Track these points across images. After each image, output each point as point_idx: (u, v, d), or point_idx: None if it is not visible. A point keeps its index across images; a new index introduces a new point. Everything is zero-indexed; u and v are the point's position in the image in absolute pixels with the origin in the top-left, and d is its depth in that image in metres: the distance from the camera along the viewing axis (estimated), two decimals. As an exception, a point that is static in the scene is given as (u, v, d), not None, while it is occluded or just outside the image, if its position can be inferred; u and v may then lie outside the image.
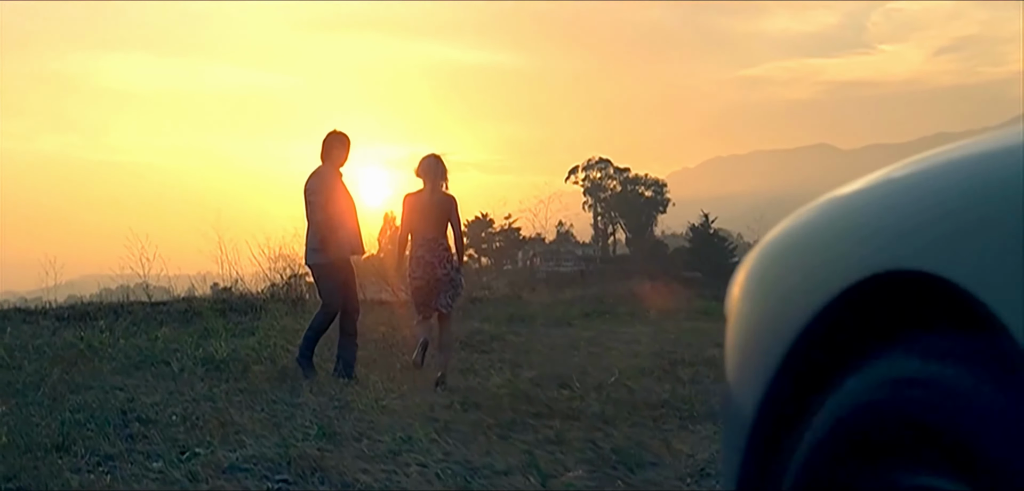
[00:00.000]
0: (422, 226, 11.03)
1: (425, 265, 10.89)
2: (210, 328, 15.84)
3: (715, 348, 14.03)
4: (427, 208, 11.01)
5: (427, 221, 11.02)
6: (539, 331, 17.14)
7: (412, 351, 11.35)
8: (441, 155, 11.30)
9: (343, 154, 11.83)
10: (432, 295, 10.97)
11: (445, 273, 10.96)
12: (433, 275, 10.89)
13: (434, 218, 11.02)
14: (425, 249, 10.93)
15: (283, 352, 13.26)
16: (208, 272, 25.55)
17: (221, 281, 24.37)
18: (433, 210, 11.01)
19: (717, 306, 21.26)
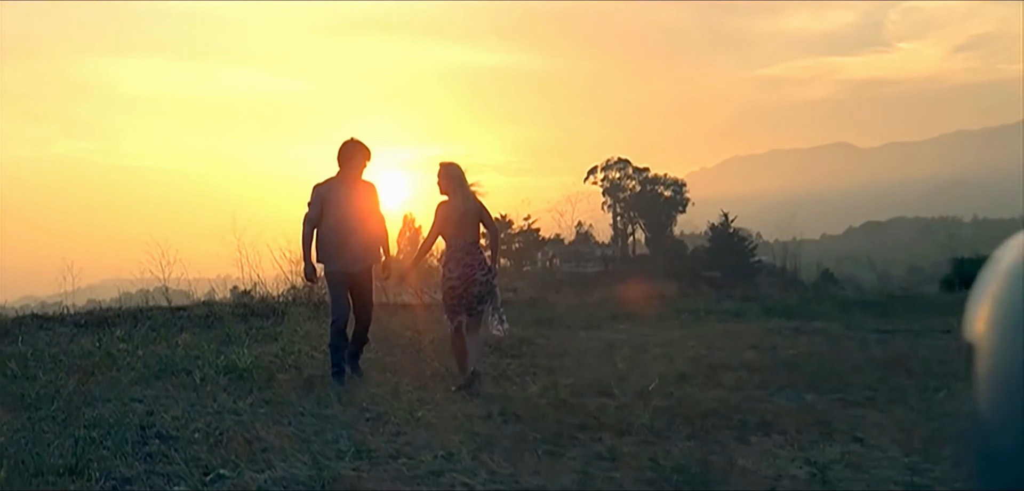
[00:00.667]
0: (456, 232, 10.98)
1: (463, 266, 10.86)
2: (231, 334, 15.45)
3: (751, 351, 13.66)
4: (459, 214, 10.93)
5: (461, 227, 10.97)
6: (569, 334, 16.60)
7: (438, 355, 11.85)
8: (457, 163, 11.20)
9: (358, 162, 11.76)
10: (466, 297, 10.86)
11: (483, 276, 10.91)
12: (470, 276, 10.83)
13: (468, 223, 10.97)
14: (463, 251, 10.92)
15: (308, 359, 12.82)
16: (228, 275, 25.26)
17: (241, 284, 24.03)
18: (465, 215, 10.94)
19: (747, 307, 20.80)
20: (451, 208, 10.96)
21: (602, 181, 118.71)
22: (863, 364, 12.19)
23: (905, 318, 18.18)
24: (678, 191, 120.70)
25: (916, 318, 18.09)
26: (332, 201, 11.61)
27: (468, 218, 10.95)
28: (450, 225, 10.98)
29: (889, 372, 11.47)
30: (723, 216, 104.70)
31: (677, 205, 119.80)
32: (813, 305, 21.12)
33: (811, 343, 14.42)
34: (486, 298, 11.00)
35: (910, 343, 14.49)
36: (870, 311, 19.59)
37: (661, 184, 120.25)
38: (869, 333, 15.90)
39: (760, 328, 16.90)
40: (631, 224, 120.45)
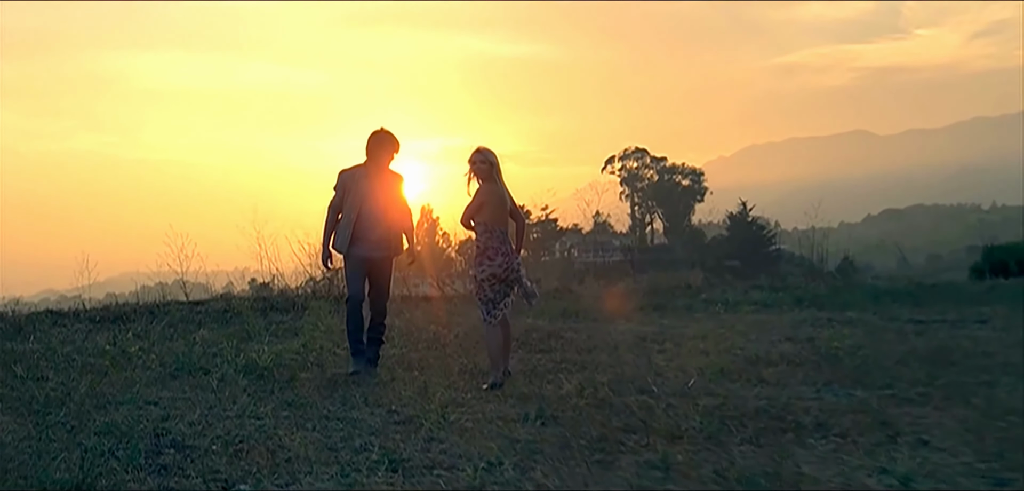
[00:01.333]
0: (499, 218, 10.78)
1: (503, 254, 10.69)
2: (251, 329, 15.06)
3: (787, 343, 13.27)
4: (501, 200, 10.75)
5: (501, 213, 10.78)
6: (597, 327, 16.11)
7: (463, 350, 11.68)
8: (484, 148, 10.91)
9: (386, 152, 11.79)
10: (507, 285, 10.75)
11: (517, 265, 10.82)
12: (510, 264, 10.68)
13: (504, 211, 10.80)
14: (501, 240, 10.72)
15: (330, 357, 12.41)
16: (246, 268, 25.03)
17: (259, 277, 23.69)
18: (502, 203, 10.77)
19: (776, 297, 20.29)
20: (492, 192, 10.70)
21: (620, 171, 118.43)
22: (906, 357, 11.71)
23: (938, 307, 17.76)
24: (696, 180, 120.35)
25: (949, 307, 17.70)
26: (356, 189, 11.62)
27: (503, 206, 10.76)
28: (492, 211, 10.70)
29: (935, 365, 10.99)
30: (742, 205, 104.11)
31: (695, 194, 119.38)
32: (843, 294, 20.64)
33: (848, 334, 13.87)
34: (515, 286, 10.83)
35: (949, 334, 14.05)
36: (902, 301, 19.17)
37: (679, 173, 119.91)
38: (904, 323, 15.46)
39: (792, 318, 16.51)
40: (649, 213, 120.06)
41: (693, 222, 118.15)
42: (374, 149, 11.71)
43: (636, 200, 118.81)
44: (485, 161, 10.71)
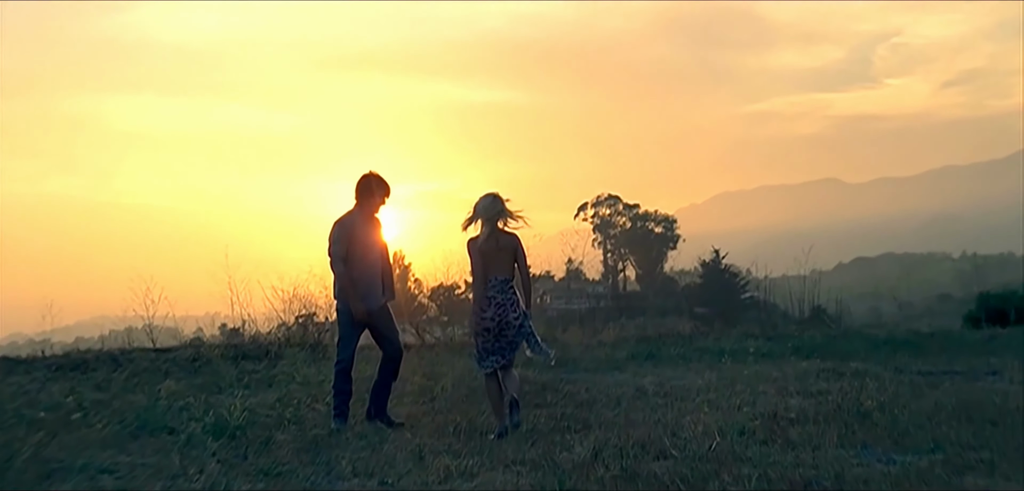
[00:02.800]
0: (491, 268, 10.44)
1: (497, 306, 10.38)
2: (221, 379, 14.13)
3: (801, 397, 12.40)
4: (492, 249, 10.42)
5: (495, 262, 10.44)
6: (592, 378, 15.33)
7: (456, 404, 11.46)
8: (497, 193, 10.60)
9: (379, 199, 11.55)
10: (500, 339, 10.42)
11: (516, 318, 10.43)
12: (505, 318, 10.36)
13: (502, 259, 10.47)
14: (497, 291, 10.41)
15: (310, 412, 11.47)
16: (217, 313, 24.00)
17: (230, 322, 22.68)
18: (499, 251, 10.45)
19: (773, 347, 19.40)
20: (479, 242, 10.41)
21: (593, 217, 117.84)
22: (935, 413, 10.77)
23: (942, 358, 17.06)
24: (669, 227, 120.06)
25: (953, 358, 17.01)
26: (357, 238, 11.33)
27: (501, 255, 10.42)
28: (483, 257, 10.40)
29: (973, 424, 10.06)
30: (715, 253, 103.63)
31: (668, 241, 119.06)
32: (841, 343, 19.94)
33: (862, 388, 12.94)
34: (518, 342, 10.52)
35: (966, 387, 13.17)
36: (903, 350, 18.45)
37: (652, 220, 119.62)
38: (914, 375, 14.64)
39: (795, 369, 15.60)
40: (622, 260, 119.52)
41: (666, 269, 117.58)
42: (368, 195, 11.41)
43: (609, 247, 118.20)
44: (478, 207, 10.45)
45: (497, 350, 10.44)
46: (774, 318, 31.47)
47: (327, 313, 21.62)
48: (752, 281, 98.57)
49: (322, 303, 21.37)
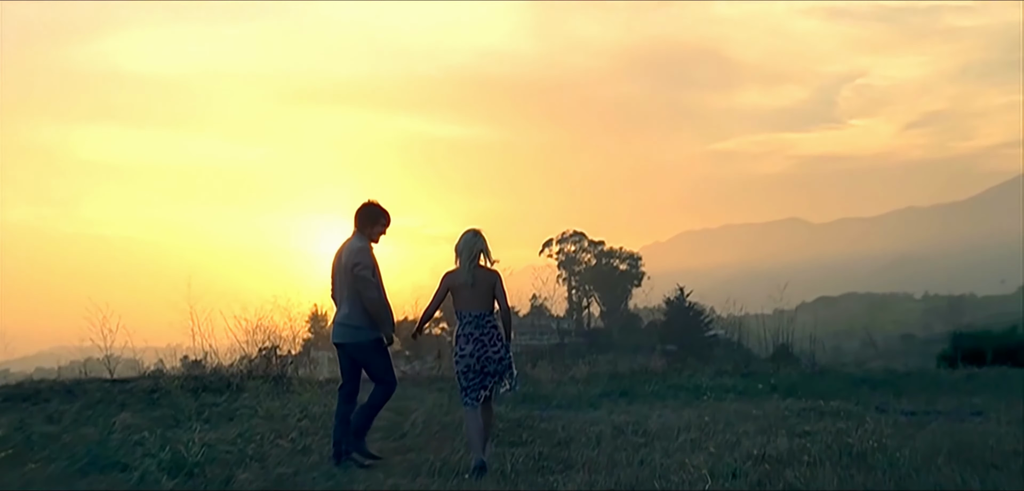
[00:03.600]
0: (466, 302, 10.45)
1: (475, 342, 10.36)
2: (180, 413, 13.44)
3: (788, 437, 11.94)
4: (467, 284, 10.43)
5: (472, 297, 10.43)
6: (567, 415, 14.82)
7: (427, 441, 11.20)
8: (479, 230, 10.68)
9: (379, 229, 11.17)
10: (482, 375, 10.40)
11: (496, 353, 10.40)
12: (485, 354, 10.35)
13: (479, 294, 10.43)
14: (473, 326, 10.41)
15: (273, 447, 10.73)
16: (178, 344, 23.26)
17: (192, 354, 21.97)
18: (476, 286, 10.43)
19: (747, 384, 18.92)
20: (457, 275, 10.47)
21: (558, 254, 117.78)
22: (932, 456, 10.36)
23: (922, 397, 16.83)
24: (634, 264, 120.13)
25: (933, 397, 16.83)
26: (377, 267, 11.01)
27: (478, 289, 10.41)
28: (458, 292, 10.45)
29: (973, 467, 9.75)
30: (679, 290, 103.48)
31: (633, 278, 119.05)
32: (816, 382, 19.52)
33: (849, 428, 12.60)
34: (502, 375, 10.50)
35: (959, 428, 12.91)
36: (882, 389, 18.25)
37: (617, 257, 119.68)
38: (899, 415, 14.32)
39: (775, 408, 15.24)
40: (586, 297, 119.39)
41: (630, 306, 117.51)
42: (374, 223, 11.09)
43: (574, 283, 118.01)
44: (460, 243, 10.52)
45: (478, 386, 10.35)
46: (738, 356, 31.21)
47: (291, 346, 21.00)
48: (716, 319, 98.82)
49: (286, 334, 20.73)
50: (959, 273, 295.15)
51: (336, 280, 11.04)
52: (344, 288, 10.86)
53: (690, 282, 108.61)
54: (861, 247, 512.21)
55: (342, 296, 10.92)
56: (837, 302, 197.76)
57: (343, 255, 10.93)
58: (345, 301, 10.86)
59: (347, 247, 10.93)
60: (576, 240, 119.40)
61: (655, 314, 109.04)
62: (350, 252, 10.82)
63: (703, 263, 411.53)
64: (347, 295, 10.83)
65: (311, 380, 18.96)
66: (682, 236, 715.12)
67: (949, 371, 23.60)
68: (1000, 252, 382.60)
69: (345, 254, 10.89)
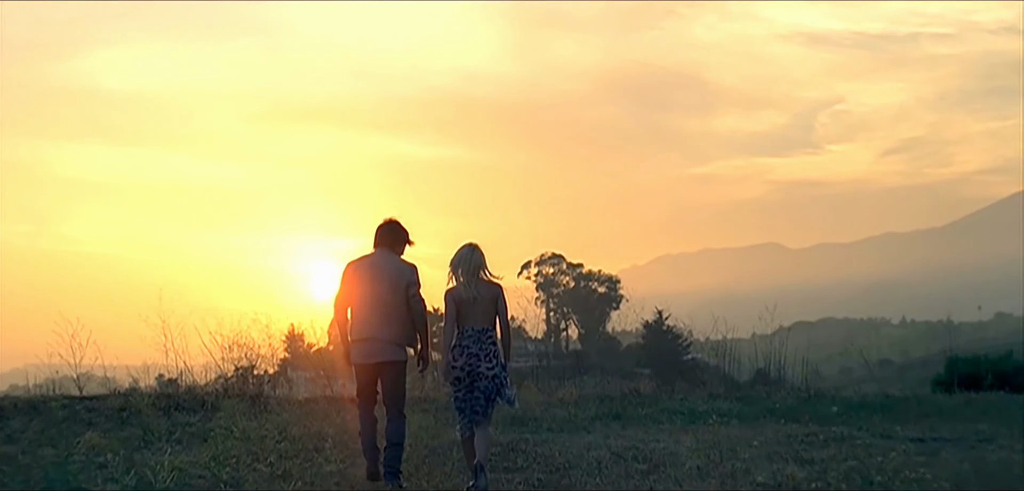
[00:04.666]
0: (469, 318, 10.18)
1: (469, 355, 10.11)
2: (150, 433, 12.71)
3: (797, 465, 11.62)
4: (470, 299, 10.17)
5: (473, 312, 10.19)
6: (560, 439, 14.20)
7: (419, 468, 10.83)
8: (477, 244, 10.45)
9: (401, 248, 10.86)
10: (472, 390, 10.17)
11: (489, 369, 10.16)
12: (476, 369, 10.09)
13: (481, 309, 10.22)
14: (471, 340, 10.17)
15: (250, 472, 9.94)
16: (155, 362, 22.36)
17: (167, 372, 21.11)
18: (478, 301, 10.19)
19: (742, 408, 18.22)
20: (457, 292, 10.19)
21: (536, 276, 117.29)
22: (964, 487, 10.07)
23: (925, 423, 16.12)
24: (612, 287, 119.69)
25: (936, 424, 16.12)
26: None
27: (480, 304, 10.19)
28: (460, 306, 10.18)
29: None
30: (657, 313, 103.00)
31: (611, 301, 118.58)
32: (814, 406, 18.82)
33: (860, 456, 12.17)
34: (494, 396, 10.25)
35: (974, 456, 12.41)
36: (881, 414, 17.42)
37: (595, 280, 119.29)
38: (906, 443, 13.67)
39: (777, 434, 14.66)
40: (565, 320, 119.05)
41: (608, 329, 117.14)
42: (398, 240, 10.78)
43: (552, 305, 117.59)
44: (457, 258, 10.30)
45: (470, 403, 10.16)
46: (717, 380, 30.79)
47: (268, 364, 20.25)
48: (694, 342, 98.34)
49: (264, 353, 19.96)
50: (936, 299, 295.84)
51: (370, 297, 10.40)
52: (387, 307, 10.35)
53: (668, 305, 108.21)
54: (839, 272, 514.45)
55: (381, 314, 10.35)
56: (815, 327, 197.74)
57: (388, 272, 10.45)
58: (386, 320, 10.34)
59: (394, 266, 10.51)
60: (554, 262, 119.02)
61: (633, 337, 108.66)
62: (401, 272, 10.45)
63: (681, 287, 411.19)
64: (391, 314, 10.35)
65: (290, 400, 18.22)
66: (660, 260, 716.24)
67: (946, 396, 23.06)
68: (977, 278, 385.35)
69: (393, 272, 10.45)
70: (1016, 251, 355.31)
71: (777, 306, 33.26)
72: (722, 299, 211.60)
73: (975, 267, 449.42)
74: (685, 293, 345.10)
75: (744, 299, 60.24)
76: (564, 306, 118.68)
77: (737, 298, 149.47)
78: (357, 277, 10.42)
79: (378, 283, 10.36)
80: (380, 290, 10.34)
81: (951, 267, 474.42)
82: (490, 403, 10.24)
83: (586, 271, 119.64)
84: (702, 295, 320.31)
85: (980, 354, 31.97)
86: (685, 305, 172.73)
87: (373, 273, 10.42)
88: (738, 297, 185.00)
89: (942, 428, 15.47)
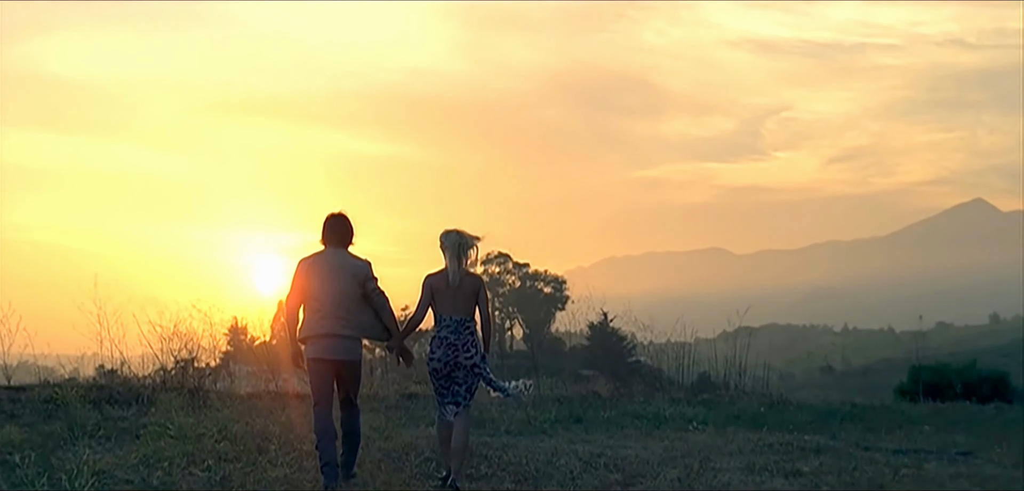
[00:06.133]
0: (447, 307, 9.92)
1: (447, 346, 9.84)
2: (78, 427, 11.68)
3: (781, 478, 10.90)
4: (451, 288, 9.92)
5: (453, 302, 9.93)
6: (522, 443, 13.27)
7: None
8: (463, 230, 10.19)
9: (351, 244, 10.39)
10: (451, 381, 9.95)
11: (468, 359, 9.87)
12: (454, 359, 9.84)
13: (461, 299, 9.96)
14: (449, 330, 9.90)
15: (184, 476, 8.85)
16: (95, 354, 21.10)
17: (106, 363, 19.88)
18: (458, 290, 9.96)
19: (707, 413, 17.40)
20: (441, 278, 9.96)
21: (482, 274, 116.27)
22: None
23: (899, 434, 15.65)
24: (558, 288, 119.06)
25: (909, 434, 15.63)
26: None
27: (461, 293, 9.93)
28: (439, 295, 9.91)
29: None
30: (603, 315, 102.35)
31: (557, 302, 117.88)
32: (781, 412, 18.26)
33: (846, 468, 11.49)
34: (472, 385, 10.01)
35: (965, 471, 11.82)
36: (851, 423, 16.99)
37: (541, 280, 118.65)
38: (889, 454, 12.99)
39: (747, 441, 13.98)
40: (510, 319, 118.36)
41: (553, 330, 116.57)
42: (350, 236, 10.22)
43: (497, 305, 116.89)
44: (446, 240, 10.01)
45: (448, 394, 9.92)
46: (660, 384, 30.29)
47: (210, 357, 19.18)
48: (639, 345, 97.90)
49: (205, 344, 18.85)
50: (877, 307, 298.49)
51: (327, 294, 9.82)
52: (346, 303, 9.83)
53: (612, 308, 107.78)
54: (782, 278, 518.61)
55: (340, 311, 9.80)
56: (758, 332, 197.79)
57: (344, 269, 9.94)
58: (346, 317, 9.80)
59: (349, 263, 9.99)
60: (501, 261, 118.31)
61: (577, 339, 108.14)
62: (357, 268, 9.96)
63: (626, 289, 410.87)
64: (350, 311, 9.83)
65: (231, 394, 17.15)
66: (605, 262, 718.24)
67: (911, 405, 22.50)
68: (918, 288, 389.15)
69: (349, 269, 9.94)
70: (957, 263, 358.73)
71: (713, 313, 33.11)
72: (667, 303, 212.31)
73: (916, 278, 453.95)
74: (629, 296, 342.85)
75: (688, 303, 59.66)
76: (509, 305, 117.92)
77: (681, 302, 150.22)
78: (312, 273, 9.89)
79: (336, 280, 9.88)
80: (338, 287, 9.86)
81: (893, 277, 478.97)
82: (470, 393, 9.96)
83: (532, 271, 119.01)
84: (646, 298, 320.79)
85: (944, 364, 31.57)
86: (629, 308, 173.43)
87: (328, 270, 9.92)
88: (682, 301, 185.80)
89: (918, 439, 14.94)
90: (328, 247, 10.06)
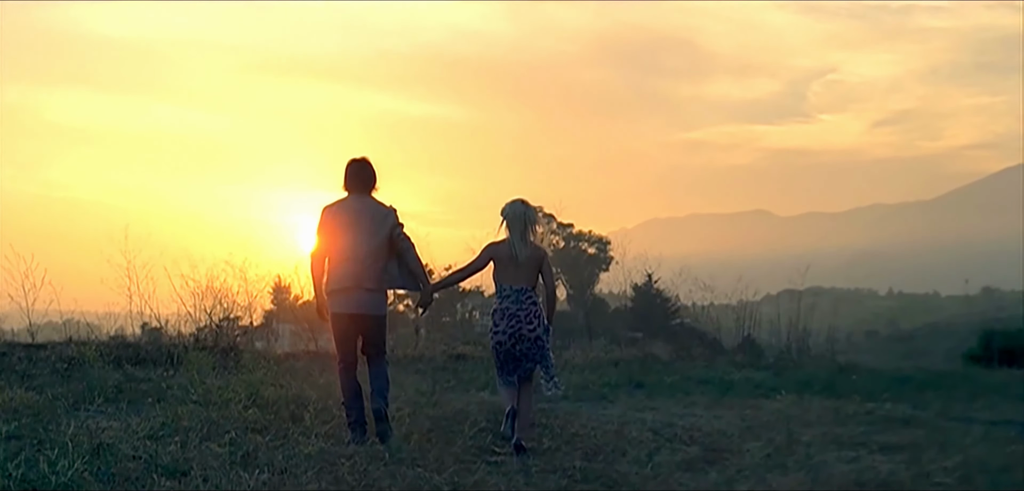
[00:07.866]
0: (508, 276, 9.64)
1: (510, 318, 9.56)
2: (96, 389, 10.73)
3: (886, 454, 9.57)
4: (515, 258, 9.60)
5: (515, 271, 9.63)
6: (582, 411, 12.14)
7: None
8: (527, 200, 9.90)
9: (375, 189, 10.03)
10: (514, 356, 9.59)
11: (531, 331, 9.55)
12: (519, 331, 9.53)
13: (524, 269, 9.67)
14: (511, 301, 9.61)
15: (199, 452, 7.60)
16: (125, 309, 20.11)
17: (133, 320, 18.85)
18: (523, 260, 9.64)
19: (774, 379, 16.22)
20: (504, 247, 9.65)
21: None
22: None
23: (981, 402, 14.20)
24: (602, 249, 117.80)
25: (993, 402, 14.17)
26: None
27: (524, 265, 9.64)
28: (501, 264, 9.64)
29: None
30: (647, 276, 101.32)
31: (601, 263, 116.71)
32: (847, 380, 16.80)
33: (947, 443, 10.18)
34: (536, 357, 9.59)
35: None
36: (929, 390, 15.45)
37: (586, 241, 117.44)
38: (986, 426, 11.68)
39: (827, 410, 12.69)
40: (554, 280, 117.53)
41: (596, 291, 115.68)
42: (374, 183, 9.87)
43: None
44: (507, 211, 9.71)
45: (512, 365, 9.58)
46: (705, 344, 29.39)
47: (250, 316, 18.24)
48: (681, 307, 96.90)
49: (242, 301, 17.88)
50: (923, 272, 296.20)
51: (351, 245, 9.44)
52: (370, 254, 9.45)
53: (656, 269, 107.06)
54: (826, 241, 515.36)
55: (364, 263, 9.40)
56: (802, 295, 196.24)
57: (369, 217, 9.56)
58: (370, 269, 9.42)
59: (374, 209, 9.62)
60: (546, 222, 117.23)
61: (619, 300, 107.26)
62: (382, 215, 9.59)
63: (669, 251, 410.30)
64: (376, 259, 9.47)
65: (267, 355, 16.08)
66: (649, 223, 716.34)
67: (984, 370, 21.24)
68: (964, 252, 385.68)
69: (373, 214, 9.58)
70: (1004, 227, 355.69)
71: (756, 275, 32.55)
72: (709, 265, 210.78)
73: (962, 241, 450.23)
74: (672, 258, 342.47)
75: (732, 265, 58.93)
76: (554, 266, 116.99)
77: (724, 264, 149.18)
78: (336, 222, 9.57)
79: (359, 230, 9.53)
80: (362, 237, 9.50)
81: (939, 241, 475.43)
82: (533, 364, 9.59)
83: (576, 231, 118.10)
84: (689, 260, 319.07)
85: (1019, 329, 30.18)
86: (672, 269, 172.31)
87: (353, 218, 9.58)
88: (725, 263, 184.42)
89: (1005, 408, 13.54)
90: (351, 194, 9.69)
